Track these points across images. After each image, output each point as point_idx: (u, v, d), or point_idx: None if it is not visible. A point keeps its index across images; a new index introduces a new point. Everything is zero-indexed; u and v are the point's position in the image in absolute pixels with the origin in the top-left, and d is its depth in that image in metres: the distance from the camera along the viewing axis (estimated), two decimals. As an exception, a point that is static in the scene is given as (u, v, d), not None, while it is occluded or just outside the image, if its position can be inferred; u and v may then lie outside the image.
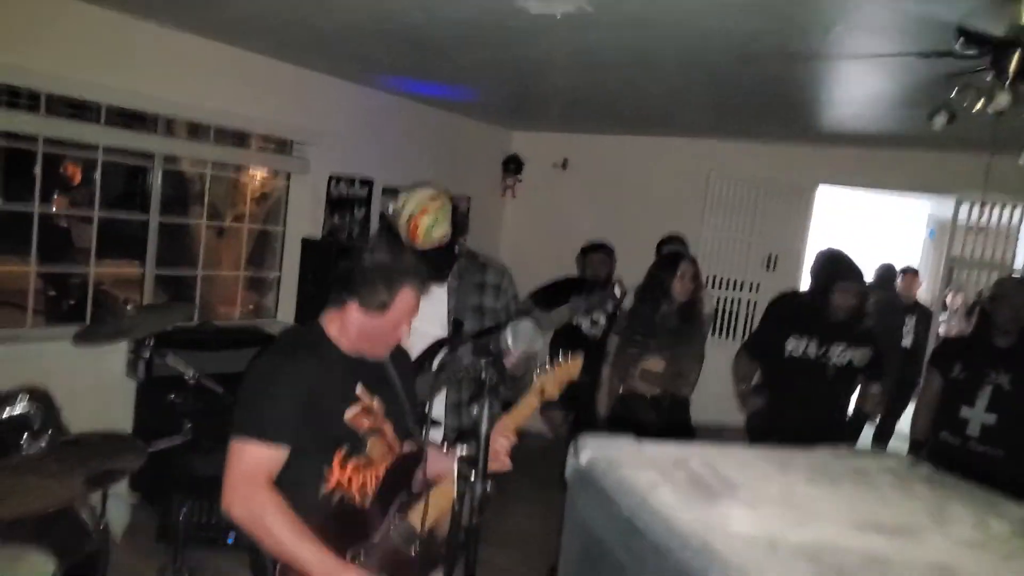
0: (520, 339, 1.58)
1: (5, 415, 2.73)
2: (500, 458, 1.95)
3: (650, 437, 0.79)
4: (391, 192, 2.91)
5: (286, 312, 5.22)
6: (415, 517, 1.91)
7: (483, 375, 1.59)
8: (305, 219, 5.16)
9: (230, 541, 3.72)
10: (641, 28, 3.17)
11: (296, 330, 2.00)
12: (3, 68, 3.48)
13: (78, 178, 5.59)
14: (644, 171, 6.33)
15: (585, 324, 4.86)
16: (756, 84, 3.98)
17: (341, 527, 1.78)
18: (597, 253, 5.12)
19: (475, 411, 1.56)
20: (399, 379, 2.05)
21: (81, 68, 3.77)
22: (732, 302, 6.12)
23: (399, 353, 2.16)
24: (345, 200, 5.37)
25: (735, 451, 0.80)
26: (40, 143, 3.86)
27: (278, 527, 1.70)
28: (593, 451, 0.75)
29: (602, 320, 4.75)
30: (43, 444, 2.65)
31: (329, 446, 1.84)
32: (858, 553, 0.57)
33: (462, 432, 2.79)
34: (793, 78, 3.77)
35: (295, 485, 1.78)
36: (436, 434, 2.78)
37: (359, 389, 1.92)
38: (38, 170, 3.92)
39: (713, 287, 5.85)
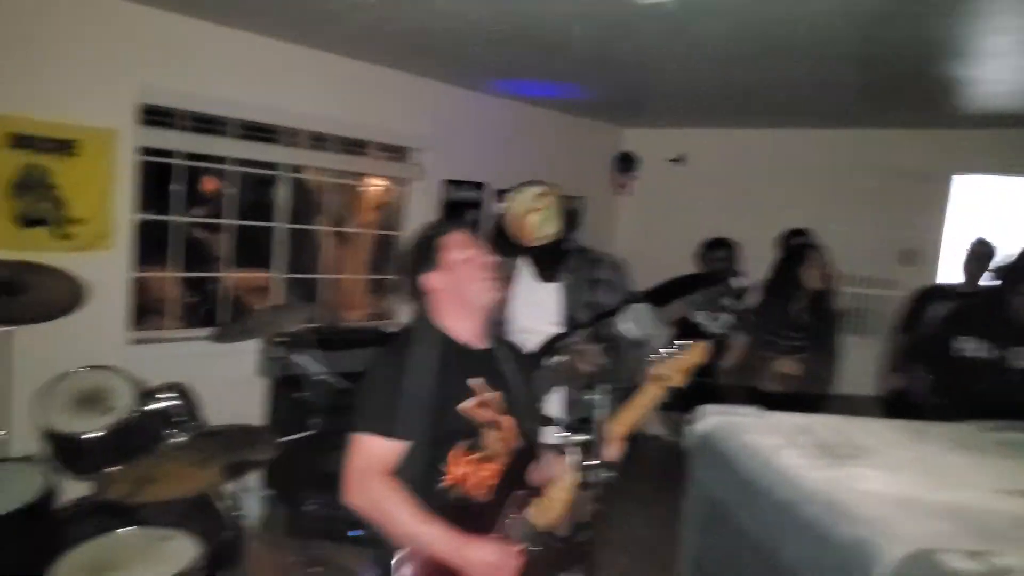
0: (637, 323, 1.53)
1: (153, 407, 2.96)
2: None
3: None
4: (503, 194, 2.93)
5: (405, 314, 5.37)
6: (533, 513, 1.88)
7: (598, 361, 1.56)
8: (421, 224, 5.28)
9: (355, 535, 3.84)
10: (758, 13, 3.04)
11: (413, 326, 2.05)
12: (143, 88, 3.78)
13: (213, 191, 6.01)
14: (765, 165, 6.09)
15: (705, 321, 4.71)
16: (886, 67, 3.73)
17: (460, 522, 1.78)
18: (718, 250, 4.95)
19: (590, 397, 1.53)
20: (517, 373, 2.04)
21: (213, 86, 4.04)
22: (864, 299, 5.76)
23: (515, 348, 2.16)
24: (459, 204, 5.47)
25: (864, 421, 0.74)
26: (178, 158, 4.17)
27: (398, 510, 1.74)
28: (714, 419, 0.71)
29: (724, 317, 4.58)
30: (185, 435, 2.84)
31: (446, 440, 1.85)
32: (1003, 515, 0.51)
33: (579, 420, 2.75)
34: (928, 57, 3.51)
35: (412, 481, 1.80)
36: (552, 432, 2.76)
37: (475, 381, 1.92)
38: (177, 184, 4.24)
39: (842, 284, 5.52)
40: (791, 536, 0.57)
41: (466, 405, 1.89)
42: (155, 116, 3.97)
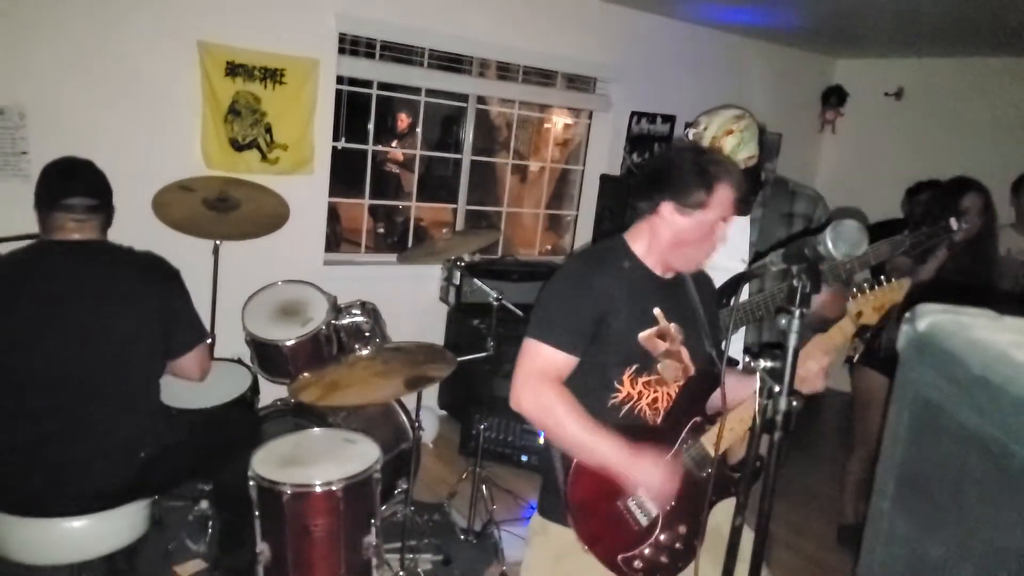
0: (843, 242, 1.35)
1: (345, 321, 3.14)
2: (811, 381, 1.76)
3: None
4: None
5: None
6: (709, 441, 1.80)
7: (796, 282, 1.40)
8: (604, 158, 5.15)
9: (524, 459, 3.92)
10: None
11: (603, 245, 1.96)
12: (340, 18, 3.91)
13: (404, 125, 6.29)
14: (1001, 99, 5.30)
15: (906, 268, 4.25)
16: None
17: (630, 440, 1.72)
18: (921, 193, 4.44)
19: (783, 322, 1.38)
20: (702, 305, 1.92)
21: (404, 15, 4.10)
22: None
23: (703, 279, 2.03)
24: (645, 137, 5.27)
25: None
26: (374, 87, 4.32)
27: (567, 417, 1.70)
28: (935, 316, 0.60)
29: (933, 264, 4.10)
30: (372, 348, 2.99)
31: (619, 363, 1.79)
32: None
33: (767, 345, 2.57)
34: None
35: (584, 393, 1.76)
36: (740, 359, 2.60)
37: (657, 311, 1.83)
38: (370, 115, 4.41)
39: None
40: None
41: (644, 333, 1.80)
42: (354, 46, 4.12)
